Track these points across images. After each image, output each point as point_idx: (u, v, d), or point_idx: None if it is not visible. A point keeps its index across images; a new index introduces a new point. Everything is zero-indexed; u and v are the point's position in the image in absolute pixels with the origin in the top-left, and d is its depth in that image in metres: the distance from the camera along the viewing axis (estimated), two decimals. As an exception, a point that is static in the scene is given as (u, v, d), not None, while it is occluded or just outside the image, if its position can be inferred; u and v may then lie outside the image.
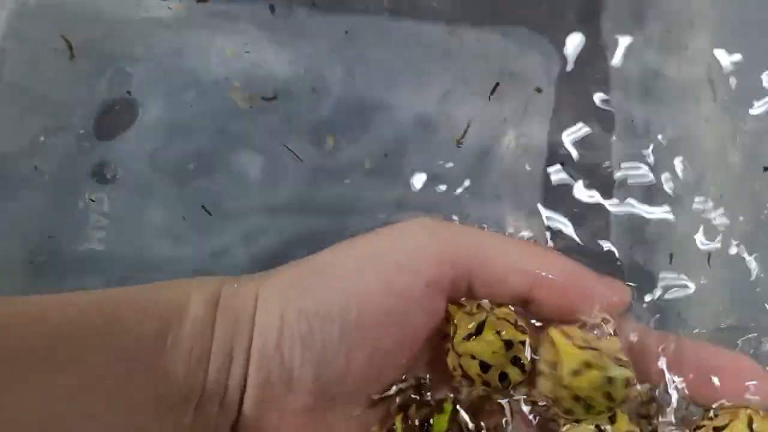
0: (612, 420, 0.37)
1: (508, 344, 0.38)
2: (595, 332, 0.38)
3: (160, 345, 0.35)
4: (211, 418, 0.36)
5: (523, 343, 0.39)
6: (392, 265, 0.38)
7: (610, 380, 0.36)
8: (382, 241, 0.40)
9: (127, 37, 0.65)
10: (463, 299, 0.39)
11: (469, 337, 0.38)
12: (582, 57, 0.61)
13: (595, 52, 0.62)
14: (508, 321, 0.39)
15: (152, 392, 0.34)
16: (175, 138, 0.61)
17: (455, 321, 0.38)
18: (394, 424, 0.38)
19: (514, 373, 0.38)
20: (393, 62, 0.62)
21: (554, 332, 0.37)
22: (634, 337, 0.40)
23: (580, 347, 0.37)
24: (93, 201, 0.56)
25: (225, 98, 0.62)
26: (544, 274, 0.38)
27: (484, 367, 0.38)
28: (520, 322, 0.39)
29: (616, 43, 0.62)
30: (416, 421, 0.38)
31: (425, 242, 0.39)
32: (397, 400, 0.39)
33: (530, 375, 0.39)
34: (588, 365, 0.36)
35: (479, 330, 0.38)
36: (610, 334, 0.38)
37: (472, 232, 0.41)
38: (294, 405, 0.37)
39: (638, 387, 0.38)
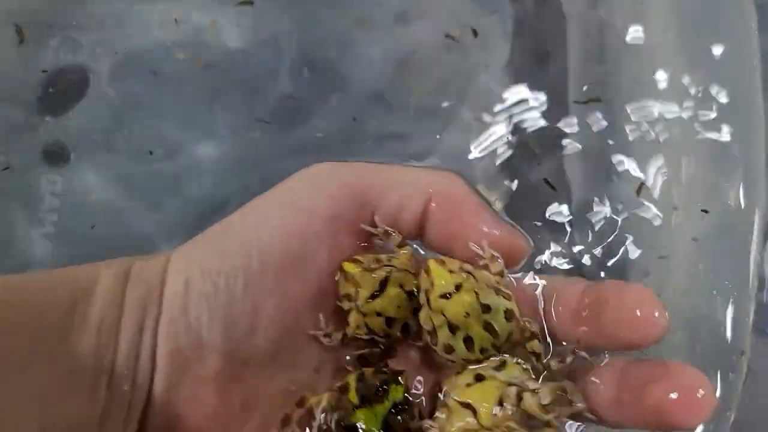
0: (499, 368, 0.37)
1: (411, 295, 0.39)
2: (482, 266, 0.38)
3: (68, 323, 0.34)
4: (125, 395, 0.36)
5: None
6: (290, 208, 0.39)
7: (487, 308, 0.37)
8: (282, 190, 0.40)
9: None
10: (357, 255, 0.39)
11: (373, 296, 0.38)
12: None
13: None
14: (408, 271, 0.39)
15: (60, 370, 0.34)
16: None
17: (356, 280, 0.38)
18: (347, 381, 0.38)
19: (415, 323, 0.39)
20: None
21: (431, 261, 0.38)
22: (534, 284, 0.41)
23: (452, 272, 0.37)
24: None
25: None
26: (439, 192, 0.39)
27: (389, 321, 0.39)
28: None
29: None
30: (373, 385, 0.37)
31: (322, 181, 0.40)
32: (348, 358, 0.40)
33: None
34: (459, 287, 0.36)
35: (383, 286, 0.38)
36: (500, 273, 0.38)
37: (368, 167, 0.41)
38: (207, 370, 0.37)
39: (530, 326, 0.38)
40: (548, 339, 0.39)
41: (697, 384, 0.34)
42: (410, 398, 0.38)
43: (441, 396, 0.38)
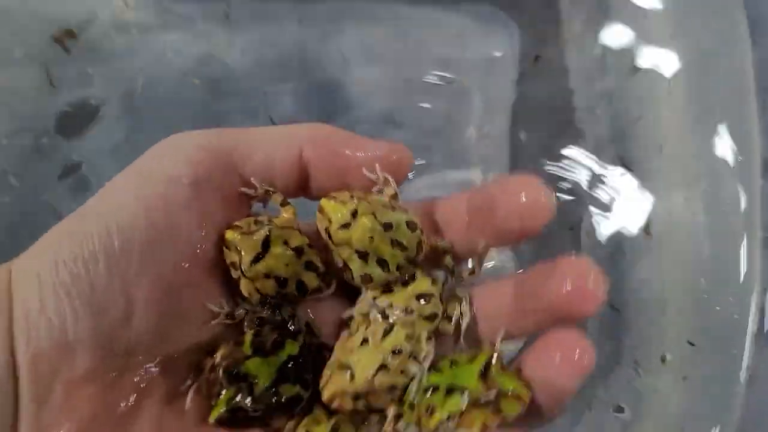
0: (408, 282, 0.40)
1: (299, 251, 0.39)
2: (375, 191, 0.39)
3: None
4: None
5: (311, 246, 0.40)
6: (148, 179, 0.36)
7: (389, 226, 0.38)
8: (138, 163, 0.37)
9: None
10: (237, 222, 0.39)
11: (257, 258, 0.38)
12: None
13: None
14: (291, 228, 0.40)
15: None
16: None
17: (237, 246, 0.38)
18: (243, 338, 0.38)
19: (310, 279, 0.40)
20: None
21: (322, 200, 0.38)
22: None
23: (344, 202, 0.38)
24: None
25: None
26: (308, 138, 0.39)
27: (281, 282, 0.39)
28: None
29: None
30: (268, 340, 0.38)
31: (179, 149, 0.38)
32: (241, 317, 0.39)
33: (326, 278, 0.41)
34: (355, 214, 0.38)
35: (265, 246, 0.38)
36: (395, 196, 0.39)
37: (227, 131, 0.39)
38: (79, 370, 0.34)
39: (441, 244, 0.41)
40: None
41: (585, 272, 0.37)
42: (310, 347, 0.39)
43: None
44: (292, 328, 0.40)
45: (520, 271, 0.43)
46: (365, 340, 0.38)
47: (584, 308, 0.37)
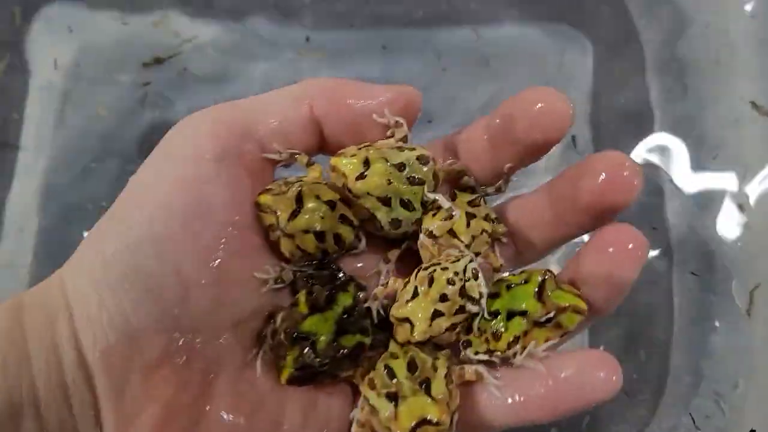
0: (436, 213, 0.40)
1: (331, 204, 0.40)
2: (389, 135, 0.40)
3: None
4: (66, 422, 0.33)
5: (343, 201, 0.40)
6: (176, 161, 0.37)
7: (401, 166, 0.39)
8: (160, 149, 0.38)
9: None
10: (268, 186, 0.39)
11: (294, 214, 0.38)
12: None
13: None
14: (320, 183, 0.40)
15: None
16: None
17: (272, 207, 0.38)
18: (297, 297, 0.39)
19: (346, 232, 0.40)
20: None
21: (331, 160, 0.39)
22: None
23: (353, 155, 0.39)
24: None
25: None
26: (314, 94, 0.39)
27: (319, 236, 0.39)
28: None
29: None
30: (321, 296, 0.38)
31: (196, 127, 0.38)
32: (286, 281, 0.40)
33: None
34: (367, 162, 0.38)
35: (299, 202, 0.38)
36: (404, 138, 0.40)
37: (237, 102, 0.40)
38: (150, 356, 0.35)
39: (456, 167, 0.41)
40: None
41: (618, 162, 0.36)
42: (363, 302, 0.40)
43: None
44: (341, 280, 0.40)
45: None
46: (416, 292, 0.39)
47: (622, 198, 0.36)
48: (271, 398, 0.38)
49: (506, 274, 0.42)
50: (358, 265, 0.43)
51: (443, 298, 0.38)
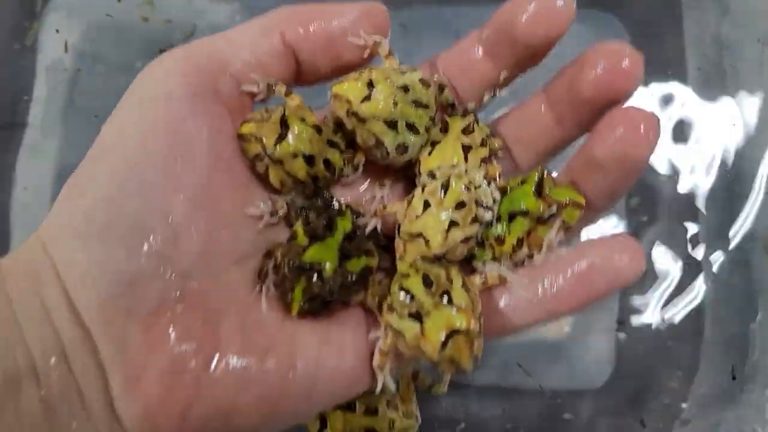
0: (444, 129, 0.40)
1: (317, 128, 0.39)
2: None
3: None
4: (69, 387, 0.32)
5: (338, 126, 0.39)
6: (148, 103, 0.35)
7: (405, 88, 0.38)
8: (132, 92, 0.37)
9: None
10: (248, 116, 0.38)
11: (280, 138, 0.37)
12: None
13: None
14: (303, 108, 0.39)
15: None
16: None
17: (255, 135, 0.37)
18: (295, 229, 0.38)
19: (334, 156, 0.39)
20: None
21: (333, 87, 0.38)
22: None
23: (356, 79, 0.38)
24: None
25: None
26: (284, 21, 0.38)
27: (308, 159, 0.38)
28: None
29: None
30: (319, 224, 0.37)
31: (167, 67, 0.37)
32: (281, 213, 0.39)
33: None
34: (372, 84, 0.38)
35: (284, 126, 0.37)
36: (389, 53, 0.40)
37: (208, 39, 0.39)
38: (148, 303, 0.33)
39: (437, 80, 0.40)
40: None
41: (616, 52, 0.36)
42: (359, 225, 0.39)
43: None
44: (336, 206, 0.39)
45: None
46: (427, 204, 0.37)
47: (623, 87, 0.36)
48: (281, 336, 0.36)
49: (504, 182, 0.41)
50: (349, 198, 0.42)
51: (460, 205, 0.37)
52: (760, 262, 0.59)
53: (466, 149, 0.40)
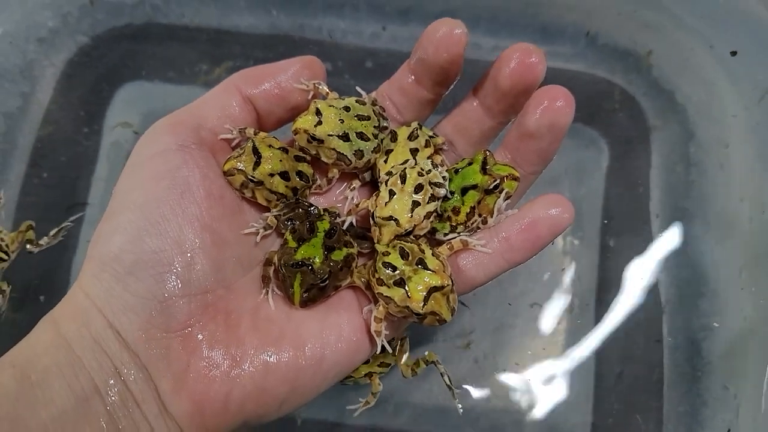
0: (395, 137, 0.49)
1: (284, 149, 0.47)
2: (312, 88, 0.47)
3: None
4: (127, 399, 0.39)
5: (291, 144, 0.47)
6: (149, 160, 0.42)
7: (346, 108, 0.47)
8: (134, 157, 0.44)
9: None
10: (229, 155, 0.46)
11: (256, 165, 0.45)
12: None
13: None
14: (268, 137, 0.47)
15: None
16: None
17: (236, 167, 0.44)
18: (285, 236, 0.45)
19: (304, 167, 0.47)
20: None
21: (292, 125, 0.46)
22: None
23: (306, 113, 0.46)
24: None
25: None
26: (244, 86, 0.46)
27: (284, 175, 0.46)
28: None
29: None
30: (303, 229, 0.45)
31: (158, 131, 0.44)
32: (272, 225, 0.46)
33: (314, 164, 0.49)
34: (319, 112, 0.46)
35: (257, 153, 0.45)
36: (327, 92, 0.48)
37: (186, 107, 0.46)
38: (180, 317, 0.40)
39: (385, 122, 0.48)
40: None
41: (526, 48, 0.45)
42: (335, 224, 0.46)
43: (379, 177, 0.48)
44: (314, 212, 0.47)
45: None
46: (392, 193, 0.45)
47: (532, 77, 0.45)
48: (290, 327, 0.43)
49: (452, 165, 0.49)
50: (325, 204, 0.50)
51: (418, 188, 0.45)
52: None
53: (414, 151, 0.48)
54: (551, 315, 0.71)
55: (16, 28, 0.73)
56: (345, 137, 0.46)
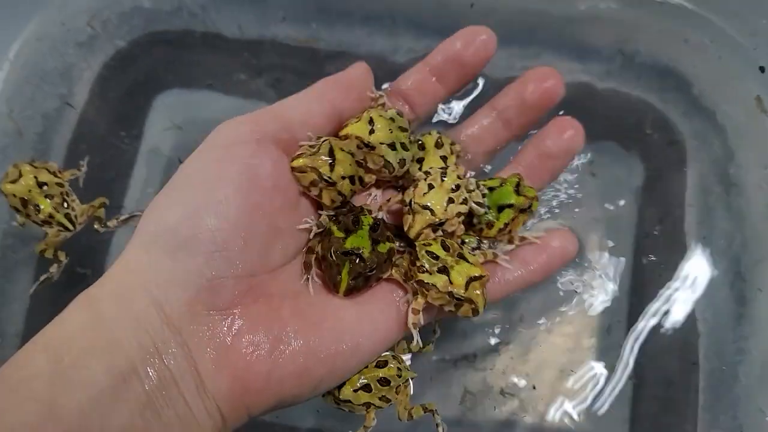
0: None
1: (351, 153, 0.48)
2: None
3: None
4: (166, 378, 0.39)
5: (363, 146, 0.49)
6: (223, 146, 0.44)
7: (392, 119, 0.50)
8: (209, 141, 0.45)
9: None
10: (298, 151, 0.47)
11: (331, 166, 0.46)
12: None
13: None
14: (337, 139, 0.48)
15: None
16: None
17: (309, 165, 0.46)
18: (327, 227, 0.47)
19: (364, 174, 0.50)
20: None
21: (346, 130, 0.49)
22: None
23: (359, 119, 0.49)
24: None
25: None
26: (336, 97, 0.49)
27: (352, 179, 0.48)
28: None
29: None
30: (349, 221, 0.47)
31: (240, 122, 0.45)
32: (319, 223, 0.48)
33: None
34: (372, 121, 0.49)
35: (332, 155, 0.47)
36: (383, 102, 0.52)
37: (273, 106, 0.48)
38: (226, 297, 0.41)
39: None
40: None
41: (548, 72, 0.52)
42: (378, 220, 0.48)
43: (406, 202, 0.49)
44: (356, 210, 0.49)
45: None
46: (431, 186, 0.48)
47: (554, 95, 0.52)
48: (329, 312, 0.45)
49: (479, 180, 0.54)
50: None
51: (456, 187, 0.48)
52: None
53: (443, 159, 0.53)
54: (583, 336, 0.70)
55: (58, 30, 0.75)
56: (392, 146, 0.49)
